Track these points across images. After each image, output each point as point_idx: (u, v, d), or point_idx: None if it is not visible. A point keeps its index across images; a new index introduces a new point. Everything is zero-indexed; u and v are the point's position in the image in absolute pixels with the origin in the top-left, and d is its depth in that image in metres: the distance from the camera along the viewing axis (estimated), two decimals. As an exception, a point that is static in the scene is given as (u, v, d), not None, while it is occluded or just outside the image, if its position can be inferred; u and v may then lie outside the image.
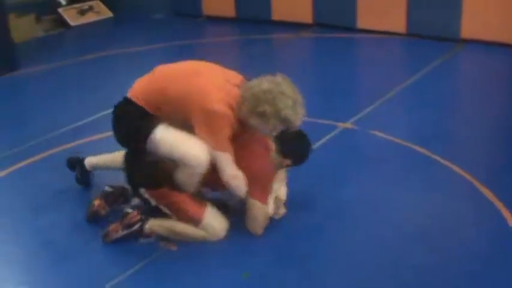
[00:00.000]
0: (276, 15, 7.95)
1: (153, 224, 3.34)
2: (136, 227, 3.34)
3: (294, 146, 3.49)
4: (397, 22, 7.02)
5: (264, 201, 3.34)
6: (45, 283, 3.18)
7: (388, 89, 5.39)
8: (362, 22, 7.29)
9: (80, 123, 5.15)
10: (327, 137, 4.53)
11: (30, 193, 4.06)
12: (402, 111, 5.08)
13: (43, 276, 3.24)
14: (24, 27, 8.04)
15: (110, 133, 3.41)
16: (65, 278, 3.17)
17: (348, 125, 4.71)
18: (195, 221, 3.28)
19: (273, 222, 3.50)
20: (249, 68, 6.65)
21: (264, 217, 3.36)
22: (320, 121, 4.80)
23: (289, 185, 3.78)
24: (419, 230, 3.36)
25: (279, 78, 3.27)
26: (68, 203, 3.48)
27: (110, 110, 3.39)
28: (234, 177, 3.21)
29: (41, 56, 7.42)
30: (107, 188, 3.65)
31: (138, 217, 3.35)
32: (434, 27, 6.75)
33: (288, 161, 3.47)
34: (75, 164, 3.99)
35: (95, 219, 3.56)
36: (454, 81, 5.67)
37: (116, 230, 3.36)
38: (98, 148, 4.21)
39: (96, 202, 3.60)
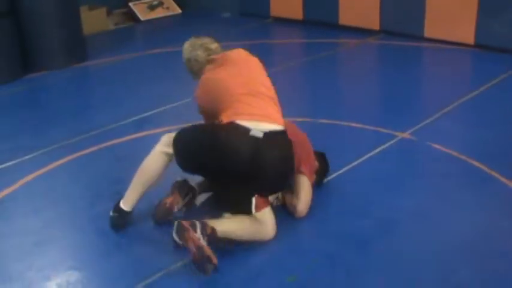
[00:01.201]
0: (343, 20, 7.93)
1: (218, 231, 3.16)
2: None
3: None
4: (466, 33, 6.89)
5: (311, 179, 3.58)
6: (96, 271, 3.28)
7: (451, 101, 5.30)
8: (429, 31, 7.19)
9: (143, 115, 5.28)
10: (385, 145, 4.50)
11: (89, 181, 4.18)
12: (463, 125, 4.99)
13: (94, 264, 3.33)
14: (95, 20, 8.27)
15: (172, 127, 3.46)
16: (116, 267, 3.25)
17: (407, 135, 4.66)
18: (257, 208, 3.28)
19: (323, 227, 3.51)
20: (312, 71, 6.70)
21: (311, 195, 3.54)
22: (379, 129, 4.78)
23: (343, 192, 3.81)
24: (469, 247, 3.29)
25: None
26: (124, 193, 3.55)
27: (174, 104, 3.46)
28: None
29: (110, 49, 7.61)
30: (179, 179, 3.60)
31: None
32: (503, 39, 6.60)
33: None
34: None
35: (165, 218, 3.50)
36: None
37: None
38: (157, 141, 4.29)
39: (169, 200, 3.53)
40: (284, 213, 3.58)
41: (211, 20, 8.79)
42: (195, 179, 3.69)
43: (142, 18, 8.97)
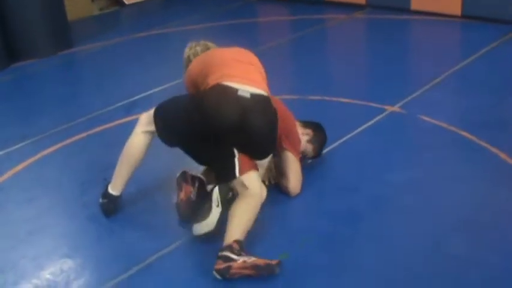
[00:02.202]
0: (329, -4, 7.89)
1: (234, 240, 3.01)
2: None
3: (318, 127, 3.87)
4: (453, 4, 6.87)
5: (297, 155, 3.59)
6: (89, 257, 3.27)
7: (439, 73, 5.29)
8: (416, 3, 7.17)
9: (131, 99, 5.25)
10: (374, 120, 4.50)
11: (79, 168, 4.16)
12: (451, 96, 4.99)
13: (87, 250, 3.33)
14: (79, 6, 8.19)
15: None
16: (109, 252, 3.26)
17: (396, 108, 4.65)
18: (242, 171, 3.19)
19: (314, 203, 3.51)
20: (299, 48, 6.67)
21: (300, 171, 3.55)
22: (368, 103, 4.77)
23: (334, 168, 3.80)
24: (461, 219, 3.30)
25: None
26: (110, 179, 3.54)
27: (162, 87, 3.44)
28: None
29: (96, 34, 7.55)
30: (178, 173, 3.48)
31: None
32: (490, 9, 6.58)
33: (310, 144, 3.77)
34: None
35: (191, 213, 3.36)
36: (508, 66, 5.51)
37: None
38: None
39: (181, 194, 3.41)
40: (275, 191, 3.58)
41: (195, 2, 8.72)
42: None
43: (127, 2, 8.88)
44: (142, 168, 3.51)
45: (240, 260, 2.88)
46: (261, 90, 3.26)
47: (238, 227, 3.03)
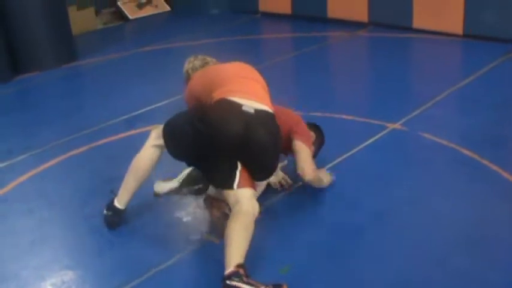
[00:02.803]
0: (332, 13, 7.94)
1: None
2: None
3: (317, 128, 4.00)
4: (454, 23, 6.92)
5: (309, 144, 3.64)
6: (90, 269, 3.28)
7: (441, 91, 5.32)
8: (418, 22, 7.21)
9: (134, 113, 5.27)
10: (376, 136, 4.51)
11: (81, 180, 4.18)
12: (453, 114, 5.01)
13: (88, 262, 3.33)
14: (83, 20, 8.25)
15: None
16: (110, 265, 3.26)
17: (398, 125, 4.68)
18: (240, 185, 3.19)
19: (316, 218, 3.52)
20: (302, 65, 6.71)
21: (312, 159, 3.60)
22: (370, 121, 4.79)
23: (335, 183, 3.82)
24: (463, 234, 3.32)
25: None
26: (117, 191, 3.56)
27: (166, 101, 3.49)
28: None
29: (99, 48, 7.60)
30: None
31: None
32: (492, 28, 6.63)
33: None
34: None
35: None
36: (509, 85, 5.54)
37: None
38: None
39: (214, 211, 3.54)
40: (276, 204, 3.59)
41: (200, 17, 8.79)
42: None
43: (131, 16, 8.96)
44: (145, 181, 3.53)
45: None
46: (265, 106, 3.30)
47: (237, 250, 2.95)
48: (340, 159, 4.17)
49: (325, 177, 3.74)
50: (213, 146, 3.19)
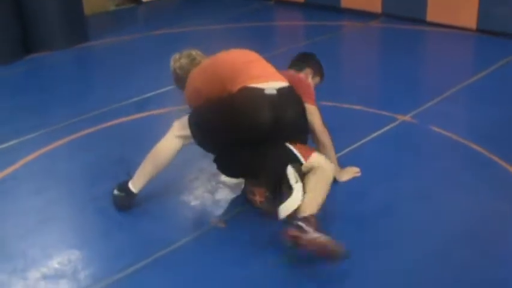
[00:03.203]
0: (345, 3, 7.92)
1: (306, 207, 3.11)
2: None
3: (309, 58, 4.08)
4: (468, 17, 6.89)
5: (313, 103, 3.64)
6: (97, 249, 3.30)
7: (452, 85, 5.30)
8: (432, 15, 7.18)
9: (145, 96, 5.28)
10: (385, 128, 4.51)
11: (90, 161, 4.19)
12: (464, 109, 5.01)
13: (95, 243, 3.36)
14: (96, 1, 8.24)
15: (174, 108, 3.47)
16: (117, 245, 3.28)
17: (408, 118, 4.67)
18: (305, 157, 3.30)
19: (323, 209, 3.52)
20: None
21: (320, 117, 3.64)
22: (379, 112, 4.79)
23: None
24: (469, 229, 3.32)
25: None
26: (123, 173, 3.57)
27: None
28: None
29: (111, 30, 7.60)
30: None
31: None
32: (505, 24, 6.59)
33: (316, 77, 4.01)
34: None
35: (273, 207, 3.25)
36: (522, 81, 5.53)
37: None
38: (159, 122, 4.30)
39: (257, 198, 3.46)
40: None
41: (213, 2, 8.77)
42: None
43: (143, -1, 8.95)
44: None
45: (314, 235, 2.92)
46: (282, 82, 3.34)
47: (314, 201, 3.13)
48: (349, 149, 4.18)
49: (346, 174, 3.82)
50: (246, 135, 3.24)
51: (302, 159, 3.27)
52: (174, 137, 3.40)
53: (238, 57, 3.54)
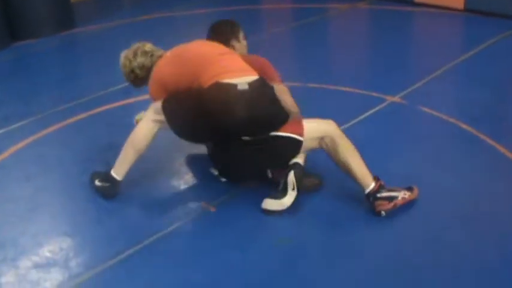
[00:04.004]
0: (332, -15, 7.89)
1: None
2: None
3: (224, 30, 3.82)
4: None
5: (280, 82, 3.61)
6: (88, 236, 3.29)
7: (441, 65, 5.31)
8: (419, -5, 7.18)
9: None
10: (375, 109, 4.51)
11: (79, 148, 4.17)
12: (452, 89, 5.01)
13: (86, 230, 3.35)
14: (82, -14, 8.18)
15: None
16: (108, 232, 3.27)
17: (397, 99, 4.67)
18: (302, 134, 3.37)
19: (316, 195, 3.53)
20: (301, 36, 6.67)
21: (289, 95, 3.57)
22: (369, 93, 4.79)
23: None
24: (459, 208, 3.33)
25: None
26: (114, 159, 3.55)
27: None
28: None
29: (98, 16, 7.54)
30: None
31: None
32: (493, 4, 6.59)
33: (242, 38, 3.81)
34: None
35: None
36: (509, 61, 5.53)
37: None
38: (146, 108, 4.27)
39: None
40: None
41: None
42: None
43: (129, -16, 8.87)
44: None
45: (400, 197, 3.26)
46: (252, 75, 3.31)
47: (363, 167, 3.31)
48: (339, 132, 4.17)
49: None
50: (221, 131, 3.27)
51: (299, 137, 3.32)
52: (150, 121, 3.41)
53: (209, 49, 3.49)
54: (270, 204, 3.31)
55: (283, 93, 3.50)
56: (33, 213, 3.46)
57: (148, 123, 3.42)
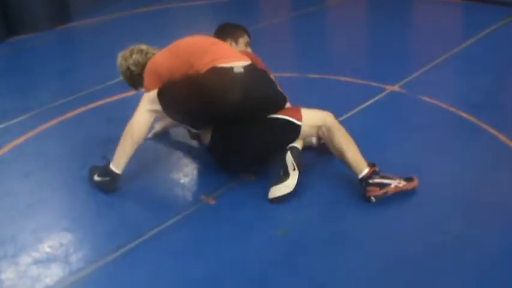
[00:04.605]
0: (330, -26, 7.85)
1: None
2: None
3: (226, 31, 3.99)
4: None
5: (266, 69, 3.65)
6: (88, 231, 3.28)
7: (440, 54, 5.29)
8: (418, -16, 7.15)
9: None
10: (374, 99, 4.50)
11: (79, 142, 4.16)
12: (452, 77, 4.99)
13: (86, 224, 3.34)
14: (78, -21, 8.13)
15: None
16: (108, 227, 3.26)
17: (396, 88, 4.65)
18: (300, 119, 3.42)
19: (314, 182, 3.52)
20: (300, 26, 6.65)
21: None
22: (368, 83, 4.77)
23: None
24: (459, 197, 3.32)
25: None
26: (113, 153, 3.53)
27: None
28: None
29: (95, 9, 7.51)
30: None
31: None
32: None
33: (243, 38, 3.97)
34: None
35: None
36: (508, 49, 5.50)
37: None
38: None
39: None
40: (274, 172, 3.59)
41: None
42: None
43: (126, -23, 8.83)
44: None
45: (393, 185, 3.28)
46: (246, 61, 3.41)
47: (358, 153, 3.35)
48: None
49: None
50: (219, 114, 3.32)
51: (298, 122, 3.37)
52: (145, 111, 3.43)
53: (202, 40, 3.58)
54: (276, 190, 3.31)
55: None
56: (33, 209, 3.44)
57: (143, 114, 3.43)
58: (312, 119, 3.41)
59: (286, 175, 3.32)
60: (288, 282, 2.78)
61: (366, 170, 3.30)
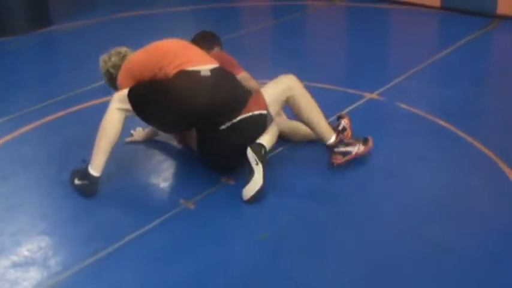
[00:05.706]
0: (310, -18, 7.91)
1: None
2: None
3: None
4: (432, -5, 6.95)
5: (241, 71, 3.75)
6: (67, 235, 3.27)
7: (418, 62, 5.35)
8: (396, -7, 7.22)
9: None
10: (353, 106, 4.53)
11: (57, 146, 4.14)
12: (430, 86, 5.05)
13: (65, 228, 3.32)
14: (59, -17, 8.10)
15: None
16: (86, 230, 3.25)
17: (375, 95, 4.70)
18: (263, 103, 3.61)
19: (294, 186, 3.54)
20: (279, 33, 6.68)
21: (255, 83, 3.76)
22: (346, 90, 4.82)
23: (313, 152, 3.84)
24: (438, 204, 3.36)
25: None
26: (90, 158, 3.54)
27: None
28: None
29: (76, 13, 7.49)
30: None
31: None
32: (469, 2, 6.66)
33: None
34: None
35: None
36: (487, 58, 5.60)
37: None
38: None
39: None
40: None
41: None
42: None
43: (107, -18, 8.81)
44: (117, 147, 3.54)
45: (354, 152, 3.67)
46: (213, 64, 3.52)
47: (324, 121, 3.70)
48: (317, 129, 4.17)
49: None
50: (186, 116, 3.40)
51: (263, 112, 3.54)
52: (116, 110, 3.47)
53: (174, 44, 3.66)
54: (248, 190, 3.36)
55: (247, 80, 3.68)
56: (10, 213, 3.43)
57: (114, 112, 3.47)
58: (276, 98, 3.66)
59: (251, 172, 3.37)
60: (268, 286, 2.79)
61: (332, 138, 3.64)
